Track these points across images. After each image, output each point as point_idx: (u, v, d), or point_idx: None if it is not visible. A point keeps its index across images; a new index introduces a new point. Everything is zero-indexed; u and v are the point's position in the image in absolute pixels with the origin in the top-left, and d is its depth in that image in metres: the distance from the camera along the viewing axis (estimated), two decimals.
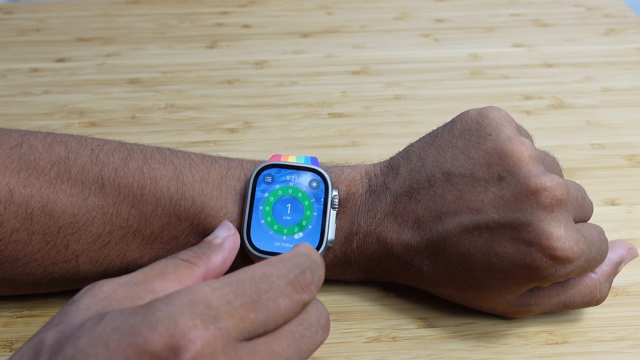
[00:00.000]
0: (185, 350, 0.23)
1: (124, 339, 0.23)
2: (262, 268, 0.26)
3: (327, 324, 0.28)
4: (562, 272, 0.33)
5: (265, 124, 0.54)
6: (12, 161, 0.35)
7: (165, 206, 0.36)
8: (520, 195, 0.33)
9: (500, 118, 0.36)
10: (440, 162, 0.36)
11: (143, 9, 0.71)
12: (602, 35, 0.66)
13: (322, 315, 0.28)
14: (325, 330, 0.28)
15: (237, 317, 0.24)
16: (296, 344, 0.26)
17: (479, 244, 0.34)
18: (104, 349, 0.23)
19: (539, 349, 0.37)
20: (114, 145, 0.37)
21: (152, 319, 0.24)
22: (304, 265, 0.27)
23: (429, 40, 0.65)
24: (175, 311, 0.24)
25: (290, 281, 0.26)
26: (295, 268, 0.27)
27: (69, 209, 0.35)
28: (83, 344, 0.24)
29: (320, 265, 0.28)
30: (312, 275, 0.27)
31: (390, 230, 0.36)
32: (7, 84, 0.58)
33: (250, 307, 0.25)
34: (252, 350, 0.25)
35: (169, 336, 0.23)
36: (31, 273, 0.36)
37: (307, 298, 0.26)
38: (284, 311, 0.26)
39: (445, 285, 0.36)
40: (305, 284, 0.26)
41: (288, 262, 0.27)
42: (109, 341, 0.24)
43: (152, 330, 0.23)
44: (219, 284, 0.25)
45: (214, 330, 0.24)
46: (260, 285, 0.25)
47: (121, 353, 0.23)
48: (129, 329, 0.24)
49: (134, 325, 0.24)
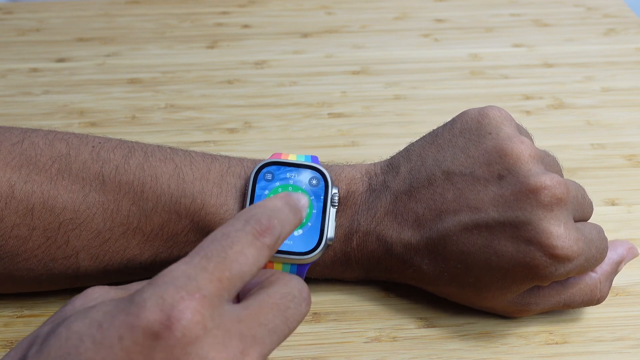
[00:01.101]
0: (177, 321, 0.24)
1: (116, 318, 0.24)
2: (221, 229, 0.27)
3: (309, 297, 0.29)
4: (562, 270, 0.33)
5: (265, 124, 0.54)
6: (13, 157, 0.35)
7: (166, 203, 0.36)
8: (520, 193, 0.33)
9: (501, 117, 0.36)
10: (440, 161, 0.36)
11: (143, 9, 0.71)
12: (602, 35, 0.66)
13: (302, 288, 0.29)
14: (308, 302, 0.29)
15: (215, 280, 0.25)
16: (282, 314, 0.27)
17: (479, 242, 0.34)
18: (97, 329, 0.24)
19: (539, 349, 0.37)
20: (115, 142, 0.37)
21: (139, 300, 0.24)
22: (259, 214, 0.28)
23: (429, 40, 0.65)
24: (160, 289, 0.24)
25: (249, 231, 0.27)
26: (250, 219, 0.27)
27: (70, 205, 0.35)
28: (76, 326, 0.25)
29: (282, 209, 0.29)
30: (268, 220, 0.28)
31: (390, 228, 0.36)
32: (7, 84, 0.58)
33: (222, 266, 0.26)
34: (239, 319, 0.26)
35: (159, 311, 0.24)
36: (31, 269, 0.36)
37: (269, 241, 0.27)
38: (253, 259, 0.27)
39: (445, 284, 0.36)
40: (263, 228, 0.27)
41: (242, 215, 0.28)
42: (102, 322, 0.24)
43: (142, 308, 0.24)
44: (189, 257, 0.26)
45: (199, 298, 0.25)
46: (223, 243, 0.26)
47: (114, 331, 0.24)
48: (119, 311, 0.24)
49: (123, 307, 0.24)
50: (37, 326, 0.38)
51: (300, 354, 0.36)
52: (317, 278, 0.39)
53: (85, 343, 0.24)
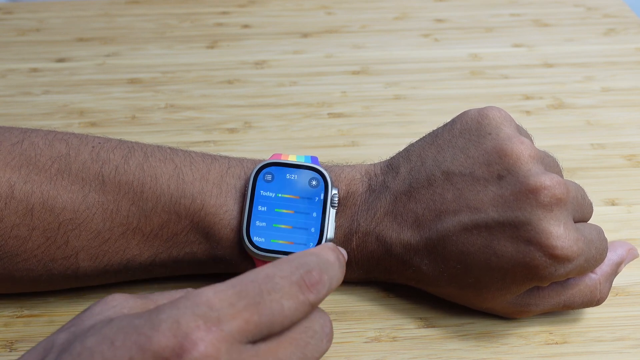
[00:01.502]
0: (188, 351, 0.23)
1: (129, 337, 0.23)
2: (266, 269, 0.26)
3: (331, 332, 0.27)
4: (562, 271, 0.33)
5: (265, 124, 0.54)
6: (13, 157, 0.35)
7: (165, 204, 0.36)
8: (519, 194, 0.33)
9: (500, 117, 0.36)
10: (440, 161, 0.36)
11: (143, 9, 0.71)
12: (602, 35, 0.66)
13: (325, 323, 0.27)
14: (329, 339, 0.27)
15: (240, 319, 0.24)
16: (300, 351, 0.26)
17: (479, 242, 0.34)
18: (109, 347, 0.23)
19: (539, 349, 0.37)
20: (115, 143, 0.37)
21: (155, 320, 0.24)
22: (311, 264, 0.26)
23: (429, 40, 0.65)
24: (178, 313, 0.24)
25: (295, 281, 0.25)
26: (300, 268, 0.26)
27: (70, 205, 0.35)
28: (90, 342, 0.24)
29: (334, 264, 0.27)
30: (319, 274, 0.26)
31: (390, 229, 0.36)
32: (7, 84, 0.58)
33: (253, 309, 0.24)
34: (256, 355, 0.24)
35: (172, 336, 0.23)
36: (31, 269, 0.36)
37: (313, 298, 0.26)
38: (289, 313, 0.25)
39: (445, 284, 0.36)
40: (311, 283, 0.26)
41: (294, 262, 0.26)
42: (114, 340, 0.24)
43: (155, 330, 0.23)
44: (222, 287, 0.25)
45: (216, 332, 0.23)
46: (263, 286, 0.25)
47: (125, 351, 0.23)
48: (133, 329, 0.24)
49: (138, 325, 0.24)
50: (37, 326, 0.38)
51: None
52: None
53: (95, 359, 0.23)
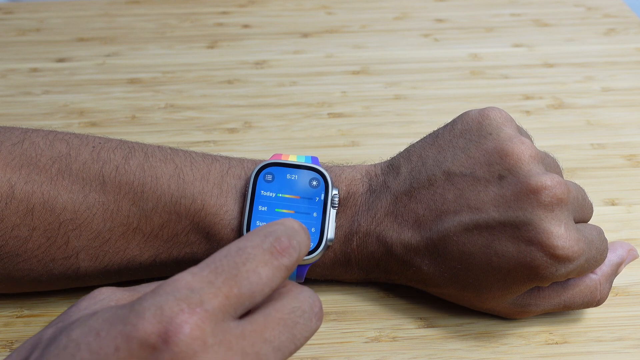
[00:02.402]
0: (174, 335, 0.23)
1: (114, 327, 0.24)
2: (237, 243, 0.26)
3: (320, 311, 0.27)
4: (562, 271, 0.33)
5: (265, 124, 0.54)
6: (13, 157, 0.35)
7: (166, 204, 0.36)
8: (520, 194, 0.33)
9: (501, 118, 0.36)
10: (440, 161, 0.36)
11: (143, 9, 0.71)
12: (602, 35, 0.66)
13: (314, 302, 0.27)
14: (319, 317, 0.27)
15: (221, 296, 0.24)
16: (289, 331, 0.26)
17: (479, 243, 0.34)
18: (94, 338, 0.24)
19: (539, 349, 0.37)
20: (115, 143, 0.37)
21: (138, 309, 0.24)
22: (279, 232, 0.26)
23: (429, 40, 0.65)
24: (161, 300, 0.24)
25: (267, 249, 0.26)
26: (269, 236, 0.26)
27: (70, 205, 0.35)
28: (75, 334, 0.24)
29: (299, 231, 0.27)
30: (288, 239, 0.26)
31: (390, 229, 0.36)
32: (7, 84, 0.58)
33: (232, 282, 0.25)
34: (242, 335, 0.25)
35: (157, 323, 0.23)
36: (31, 269, 0.36)
37: (287, 262, 0.26)
38: (267, 280, 0.25)
39: (445, 285, 0.36)
40: (282, 248, 0.26)
41: (261, 232, 0.26)
42: (99, 330, 0.24)
43: (140, 318, 0.23)
44: (198, 268, 0.25)
45: (200, 313, 0.24)
46: (237, 259, 0.25)
47: (111, 341, 0.23)
48: (118, 319, 0.24)
49: (122, 315, 0.24)
50: (37, 326, 0.38)
51: (300, 354, 0.36)
52: (318, 279, 0.39)
53: (82, 352, 0.24)
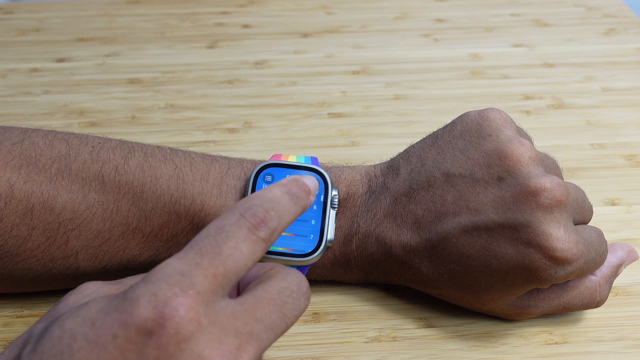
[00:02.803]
0: (170, 318, 0.24)
1: (109, 316, 0.24)
2: (215, 223, 0.27)
3: (308, 291, 0.28)
4: (562, 273, 0.33)
5: (265, 124, 0.54)
6: (13, 157, 0.35)
7: (165, 204, 0.36)
8: (519, 196, 0.33)
9: (501, 119, 0.36)
10: (440, 162, 0.36)
11: (143, 9, 0.71)
12: (602, 35, 0.66)
13: (301, 282, 0.28)
14: (307, 297, 0.28)
15: (210, 276, 0.25)
16: (279, 310, 0.26)
17: (478, 244, 0.34)
18: (90, 327, 0.24)
19: (539, 349, 0.37)
20: (115, 143, 0.37)
21: (132, 296, 0.24)
22: (254, 207, 0.27)
23: (429, 40, 0.65)
24: (153, 286, 0.24)
25: (243, 225, 0.26)
26: (245, 212, 0.27)
27: (69, 205, 0.35)
28: (69, 325, 0.24)
29: (280, 198, 0.28)
30: (264, 211, 0.27)
31: (390, 230, 0.36)
32: (7, 84, 0.58)
33: (217, 261, 0.25)
34: (234, 315, 0.25)
35: (152, 308, 0.24)
36: (31, 269, 0.36)
37: (264, 234, 0.27)
38: (249, 254, 0.26)
39: (444, 286, 0.36)
40: (258, 221, 0.27)
41: (238, 208, 0.27)
42: (95, 320, 0.24)
43: (135, 305, 0.24)
44: (183, 252, 0.26)
45: (193, 295, 0.24)
46: (217, 238, 0.26)
47: (108, 329, 0.24)
48: (112, 308, 0.24)
49: (116, 304, 0.24)
50: None
51: (300, 354, 0.36)
52: (317, 279, 0.39)
53: (79, 341, 0.24)
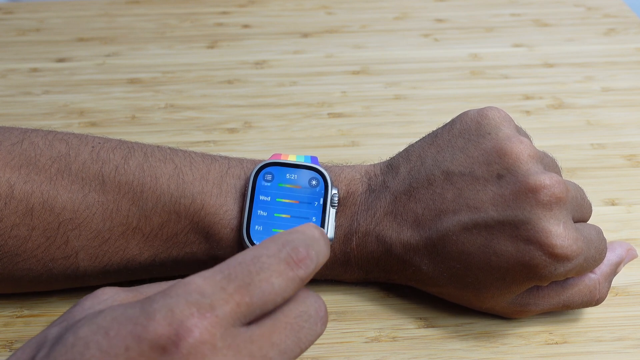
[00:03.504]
0: (184, 339, 0.23)
1: (124, 327, 0.24)
2: (253, 251, 0.26)
3: (325, 316, 0.27)
4: (561, 270, 0.33)
5: (265, 124, 0.54)
6: (12, 157, 0.35)
7: (165, 204, 0.36)
8: (519, 193, 0.33)
9: (500, 117, 0.36)
10: (439, 161, 0.36)
11: (143, 9, 0.71)
12: (602, 35, 0.66)
13: (320, 307, 0.27)
14: (324, 322, 0.27)
15: (232, 303, 0.24)
16: (295, 335, 0.26)
17: (478, 242, 0.34)
18: (103, 337, 0.24)
19: (539, 349, 0.37)
20: (115, 143, 0.37)
21: (149, 309, 0.24)
22: (297, 241, 0.26)
23: (429, 40, 0.65)
24: (171, 302, 0.24)
25: (282, 259, 0.25)
26: (286, 245, 0.26)
27: (69, 205, 0.35)
28: (83, 332, 0.24)
29: (319, 239, 0.27)
30: (306, 250, 0.26)
31: (390, 229, 0.36)
32: (7, 84, 0.58)
33: (244, 290, 0.24)
34: (250, 340, 0.25)
35: (167, 325, 0.23)
36: (31, 269, 0.36)
37: (302, 274, 0.26)
38: (280, 290, 0.25)
39: (444, 284, 0.36)
40: (299, 259, 0.26)
41: (279, 240, 0.26)
42: (109, 329, 0.24)
43: (150, 319, 0.23)
44: (211, 273, 0.25)
45: (211, 318, 0.24)
46: (251, 267, 0.25)
47: (121, 341, 0.23)
48: (127, 319, 0.24)
49: (132, 315, 0.24)
50: (37, 326, 0.38)
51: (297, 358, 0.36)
52: (317, 279, 0.39)
53: (91, 350, 0.23)
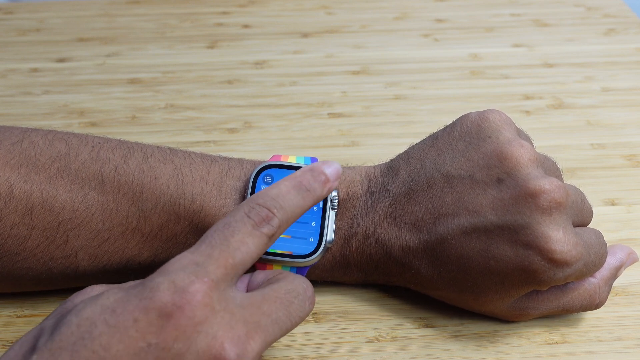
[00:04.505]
0: (188, 302, 0.26)
1: (130, 303, 0.26)
2: (225, 219, 0.29)
3: (313, 297, 0.30)
4: (561, 275, 0.33)
5: (265, 124, 0.54)
6: (12, 157, 0.35)
7: (165, 204, 0.36)
8: (518, 197, 0.33)
9: (500, 121, 0.36)
10: (439, 164, 0.36)
11: (143, 9, 0.71)
12: (602, 35, 0.66)
13: (307, 287, 0.30)
14: (312, 302, 0.30)
15: (221, 266, 0.27)
16: (285, 308, 0.29)
17: (477, 246, 0.34)
18: (111, 314, 0.26)
19: (539, 349, 0.37)
20: (115, 143, 0.37)
21: (151, 284, 0.26)
22: (260, 202, 0.29)
23: (429, 40, 0.65)
24: (171, 275, 0.26)
25: (247, 221, 0.29)
26: (250, 210, 0.29)
27: (69, 204, 0.35)
28: (86, 312, 0.26)
29: (286, 194, 0.30)
30: (267, 209, 0.29)
31: (389, 231, 0.36)
32: (8, 84, 0.58)
33: (225, 253, 0.28)
34: (242, 306, 0.28)
35: (171, 293, 0.26)
36: (30, 268, 0.36)
37: (267, 230, 0.29)
38: (254, 247, 0.28)
39: (444, 288, 0.36)
40: (261, 218, 0.29)
41: (244, 205, 0.29)
42: (115, 308, 0.26)
43: (155, 291, 0.26)
44: (195, 247, 0.28)
45: (208, 282, 0.27)
46: (225, 232, 0.28)
47: (129, 315, 0.25)
48: (132, 296, 0.26)
49: (136, 292, 0.26)
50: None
51: (300, 354, 0.36)
52: (317, 281, 0.39)
53: (99, 327, 0.25)
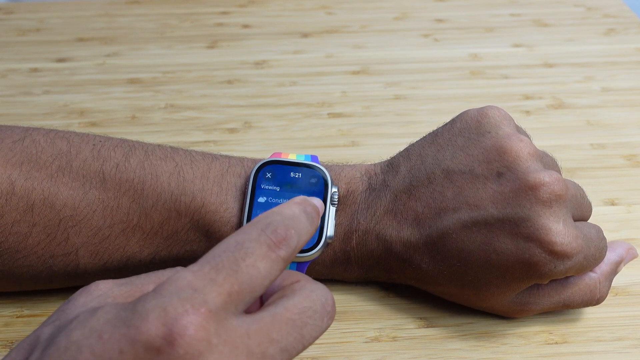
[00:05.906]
0: (179, 337, 0.23)
1: (117, 330, 0.23)
2: (235, 237, 0.26)
3: (333, 310, 0.27)
4: (561, 267, 0.33)
5: (265, 124, 0.54)
6: (14, 154, 0.35)
7: (166, 201, 0.36)
8: (518, 190, 0.33)
9: (500, 116, 0.36)
10: (439, 159, 0.36)
11: (143, 9, 0.71)
12: (602, 35, 0.66)
13: (327, 301, 0.27)
14: (331, 316, 0.27)
15: (223, 294, 0.24)
16: (297, 331, 0.26)
17: (478, 240, 0.34)
18: (97, 341, 0.23)
19: (539, 349, 0.37)
20: (116, 141, 0.37)
21: (142, 310, 0.23)
22: (276, 222, 0.26)
23: (429, 40, 0.65)
24: (164, 300, 0.23)
25: (264, 242, 0.26)
26: (266, 228, 0.26)
27: (70, 202, 0.35)
28: (76, 335, 0.24)
29: (299, 217, 0.27)
30: (285, 230, 0.26)
31: (390, 227, 0.36)
32: (8, 84, 0.58)
33: (232, 279, 0.24)
34: (247, 335, 0.24)
35: (161, 325, 0.23)
36: (31, 266, 0.36)
37: (284, 254, 0.26)
38: (266, 273, 0.25)
39: (445, 283, 0.36)
40: (279, 240, 0.26)
41: (259, 224, 0.26)
42: (102, 333, 0.23)
43: (144, 320, 0.23)
44: (198, 266, 0.25)
45: (205, 313, 0.23)
46: (236, 254, 0.25)
47: (114, 344, 0.23)
48: (121, 322, 0.23)
49: (125, 318, 0.23)
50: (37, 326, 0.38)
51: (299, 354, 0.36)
52: (318, 278, 0.39)
53: (84, 354, 0.23)
